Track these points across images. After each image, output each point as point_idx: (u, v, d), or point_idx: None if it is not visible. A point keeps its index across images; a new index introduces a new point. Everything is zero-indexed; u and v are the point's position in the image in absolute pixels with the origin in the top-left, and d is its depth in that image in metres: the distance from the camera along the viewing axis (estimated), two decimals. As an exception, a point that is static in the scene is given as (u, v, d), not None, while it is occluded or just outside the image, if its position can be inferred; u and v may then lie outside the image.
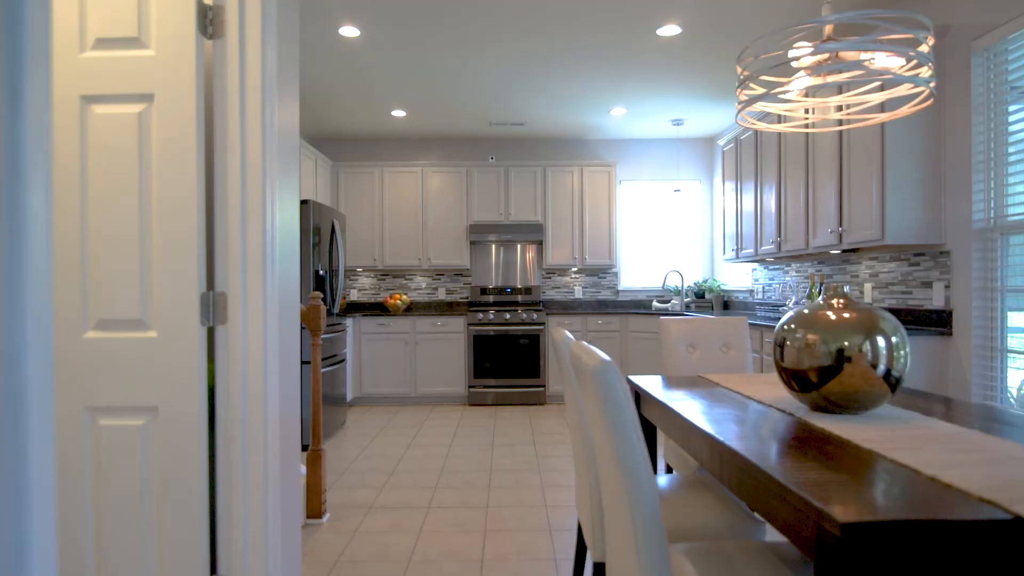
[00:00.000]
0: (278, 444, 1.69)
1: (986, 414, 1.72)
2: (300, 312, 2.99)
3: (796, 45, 1.66)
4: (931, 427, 1.53)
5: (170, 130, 1.56)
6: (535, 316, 5.82)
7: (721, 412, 1.78)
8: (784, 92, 1.77)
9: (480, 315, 5.81)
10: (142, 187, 1.57)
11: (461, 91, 4.97)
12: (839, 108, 2.69)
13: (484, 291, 6.44)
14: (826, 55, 1.73)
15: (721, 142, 5.54)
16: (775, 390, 2.09)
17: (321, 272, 4.45)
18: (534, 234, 6.11)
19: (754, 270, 5.46)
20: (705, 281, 6.25)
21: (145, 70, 1.56)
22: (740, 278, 5.82)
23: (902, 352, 1.64)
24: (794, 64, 1.77)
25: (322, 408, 4.57)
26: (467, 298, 6.55)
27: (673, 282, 6.43)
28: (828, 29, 1.74)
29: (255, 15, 1.61)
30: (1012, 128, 2.79)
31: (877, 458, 1.27)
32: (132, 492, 1.58)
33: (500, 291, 6.44)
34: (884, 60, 1.71)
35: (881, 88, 2.02)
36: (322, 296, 4.34)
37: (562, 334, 1.99)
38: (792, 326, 1.76)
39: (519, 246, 6.51)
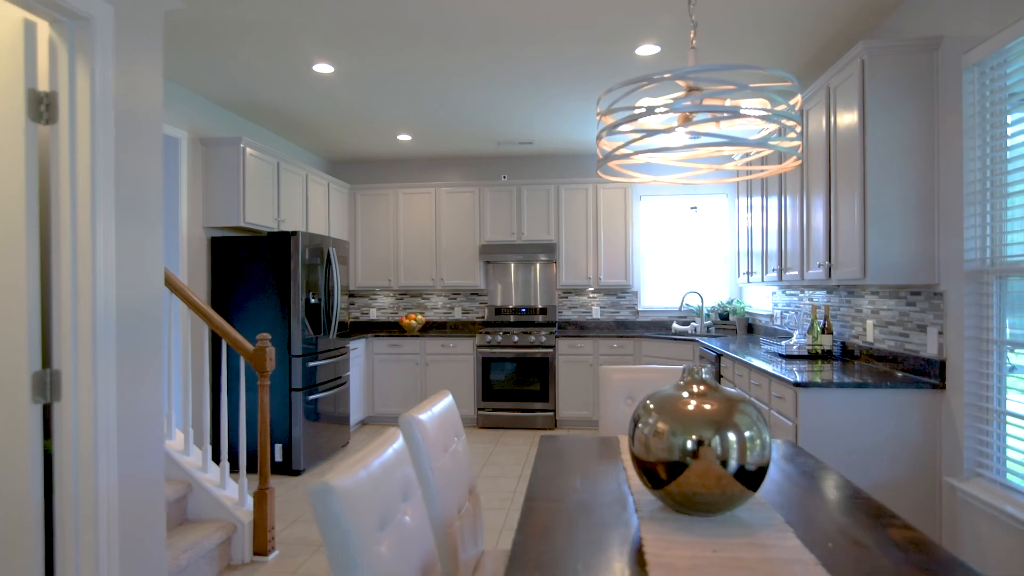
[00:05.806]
0: (115, 512, 1.72)
1: (856, 522, 1.46)
2: (248, 353, 3.06)
3: (643, 103, 1.49)
4: (768, 546, 1.32)
5: (4, 215, 1.62)
6: (544, 339, 5.68)
7: (569, 503, 1.62)
8: (653, 148, 1.59)
9: (489, 337, 5.74)
10: (-18, 270, 1.64)
11: (456, 114, 4.93)
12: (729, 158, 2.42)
13: (499, 311, 6.37)
14: (689, 106, 1.54)
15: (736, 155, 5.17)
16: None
17: (313, 300, 4.55)
18: (548, 253, 5.96)
19: (774, 293, 5.06)
20: (730, 302, 5.86)
21: (-18, 158, 1.63)
22: (764, 300, 5.41)
23: (757, 442, 1.43)
24: (656, 120, 1.59)
25: (316, 432, 4.68)
26: (482, 318, 6.50)
27: (693, 303, 6.08)
28: (685, 85, 1.55)
29: (84, 100, 1.64)
30: (1011, 155, 2.39)
31: (643, 600, 1.10)
32: (-23, 560, 1.66)
33: (516, 311, 6.35)
34: (748, 118, 1.50)
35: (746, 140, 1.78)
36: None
37: (431, 407, 1.89)
38: (651, 406, 1.58)
39: (535, 266, 6.39)
